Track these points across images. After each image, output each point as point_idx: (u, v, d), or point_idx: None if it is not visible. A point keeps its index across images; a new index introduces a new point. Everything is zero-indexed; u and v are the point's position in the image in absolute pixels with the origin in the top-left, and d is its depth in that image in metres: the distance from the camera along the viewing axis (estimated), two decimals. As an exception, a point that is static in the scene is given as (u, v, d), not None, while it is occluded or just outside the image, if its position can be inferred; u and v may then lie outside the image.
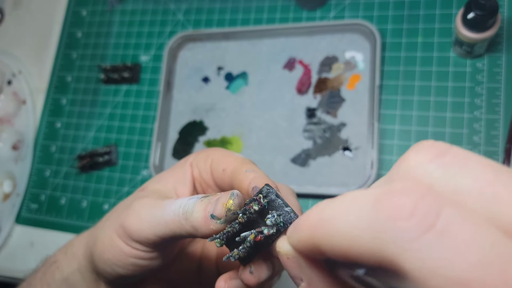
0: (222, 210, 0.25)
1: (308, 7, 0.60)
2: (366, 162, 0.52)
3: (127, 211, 0.30)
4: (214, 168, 0.33)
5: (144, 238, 0.28)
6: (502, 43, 0.52)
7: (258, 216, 0.25)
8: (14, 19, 0.76)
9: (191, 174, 0.34)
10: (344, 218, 0.15)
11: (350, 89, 0.56)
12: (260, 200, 0.25)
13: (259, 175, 0.28)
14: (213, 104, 0.61)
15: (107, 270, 0.31)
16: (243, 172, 0.29)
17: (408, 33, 0.56)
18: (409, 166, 0.15)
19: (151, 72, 0.65)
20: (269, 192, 0.25)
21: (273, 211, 0.24)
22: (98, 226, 0.34)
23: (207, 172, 0.34)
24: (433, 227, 0.12)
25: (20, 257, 0.64)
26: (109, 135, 0.65)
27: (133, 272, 0.30)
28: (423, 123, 0.52)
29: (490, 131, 0.50)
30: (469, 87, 0.52)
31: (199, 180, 0.34)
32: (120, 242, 0.29)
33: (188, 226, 0.26)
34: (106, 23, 0.70)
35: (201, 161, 0.34)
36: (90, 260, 0.32)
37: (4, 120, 0.69)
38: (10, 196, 0.65)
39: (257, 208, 0.25)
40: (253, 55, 0.61)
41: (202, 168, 0.34)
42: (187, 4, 0.67)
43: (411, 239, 0.13)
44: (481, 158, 0.15)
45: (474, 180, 0.14)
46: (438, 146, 0.15)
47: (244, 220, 0.25)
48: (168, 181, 0.34)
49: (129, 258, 0.29)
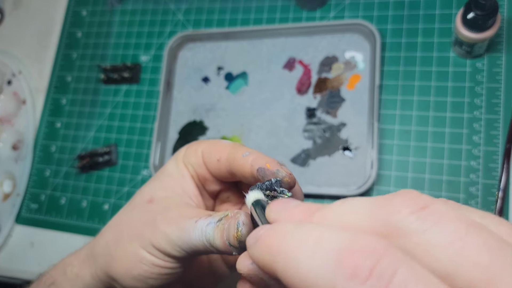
0: (235, 241, 0.26)
1: (308, 7, 0.60)
2: (366, 162, 0.52)
3: (154, 231, 0.30)
4: (208, 161, 0.33)
5: (178, 256, 0.30)
6: (502, 43, 0.52)
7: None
8: (14, 19, 0.76)
9: (188, 173, 0.34)
10: (307, 262, 0.16)
11: (350, 89, 0.56)
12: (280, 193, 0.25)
13: (258, 156, 0.29)
14: (213, 104, 0.61)
15: (137, 285, 0.31)
16: (240, 157, 0.30)
17: (408, 33, 0.56)
18: (390, 212, 0.17)
19: (151, 72, 0.65)
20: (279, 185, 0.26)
21: None
22: (99, 243, 0.34)
23: (200, 166, 0.34)
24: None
25: (20, 257, 0.64)
26: (109, 135, 0.65)
27: (166, 280, 0.31)
28: (423, 123, 0.52)
29: (490, 131, 0.50)
30: (469, 87, 0.52)
31: (195, 176, 0.34)
32: (152, 258, 0.30)
33: (215, 250, 0.28)
34: (106, 23, 0.70)
35: (192, 157, 0.34)
36: (104, 279, 0.33)
37: (4, 120, 0.69)
38: (10, 196, 0.66)
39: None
40: (253, 55, 0.61)
41: (195, 164, 0.34)
42: (187, 4, 0.67)
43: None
44: (458, 215, 0.16)
45: (446, 235, 0.15)
46: (421, 200, 0.16)
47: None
48: (174, 187, 0.34)
49: (164, 270, 0.31)
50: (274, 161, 0.28)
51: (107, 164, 0.63)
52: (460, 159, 0.50)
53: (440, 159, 0.51)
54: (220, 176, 0.33)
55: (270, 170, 0.28)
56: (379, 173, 0.52)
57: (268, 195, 0.25)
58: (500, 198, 0.47)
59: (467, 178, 0.49)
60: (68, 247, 0.43)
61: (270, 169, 0.28)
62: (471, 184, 0.49)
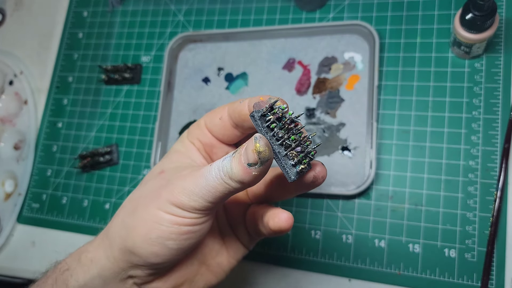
0: (254, 155, 0.27)
1: (307, 8, 0.61)
2: (365, 161, 0.52)
3: (170, 188, 0.30)
4: (211, 125, 0.35)
5: (198, 207, 0.30)
6: (501, 43, 0.52)
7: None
8: (16, 19, 0.76)
9: (194, 147, 0.36)
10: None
11: (349, 90, 0.56)
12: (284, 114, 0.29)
13: (252, 98, 0.32)
14: (213, 104, 0.62)
15: (157, 250, 0.31)
16: (238, 104, 0.32)
17: (406, 33, 0.56)
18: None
19: (152, 73, 0.66)
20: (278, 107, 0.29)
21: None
22: (114, 223, 0.34)
23: (205, 135, 0.35)
24: None
25: (22, 256, 0.64)
26: (110, 135, 0.65)
27: (185, 242, 0.31)
28: (422, 123, 0.53)
29: (488, 131, 0.50)
30: (468, 87, 0.52)
31: (201, 148, 0.36)
32: (170, 216, 0.30)
33: (234, 184, 0.28)
34: (107, 24, 0.71)
35: (195, 130, 0.36)
36: (121, 258, 0.32)
37: (6, 120, 0.70)
38: (12, 196, 0.66)
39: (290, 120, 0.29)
40: (253, 55, 0.62)
41: (199, 134, 0.35)
42: (188, 5, 0.67)
43: None
44: None
45: None
46: None
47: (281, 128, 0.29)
48: (182, 160, 0.35)
49: (182, 228, 0.30)
50: (266, 96, 0.31)
51: (108, 163, 0.63)
52: (459, 158, 0.50)
53: (438, 158, 0.51)
54: (226, 135, 0.34)
55: (263, 100, 0.30)
56: (378, 173, 0.53)
57: (270, 119, 0.29)
58: (498, 197, 0.48)
59: (465, 177, 0.50)
60: (69, 247, 0.43)
61: (263, 99, 0.30)
62: (469, 183, 0.49)
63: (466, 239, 0.48)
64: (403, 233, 0.50)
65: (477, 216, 0.48)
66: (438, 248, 0.49)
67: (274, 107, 0.29)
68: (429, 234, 0.49)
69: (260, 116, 0.29)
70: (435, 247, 0.49)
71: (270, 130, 0.29)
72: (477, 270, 0.47)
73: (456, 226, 0.49)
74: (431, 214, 0.50)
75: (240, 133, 0.35)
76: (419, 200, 0.51)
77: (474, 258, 0.47)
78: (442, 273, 0.48)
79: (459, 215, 0.49)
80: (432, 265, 0.48)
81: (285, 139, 0.29)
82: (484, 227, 0.48)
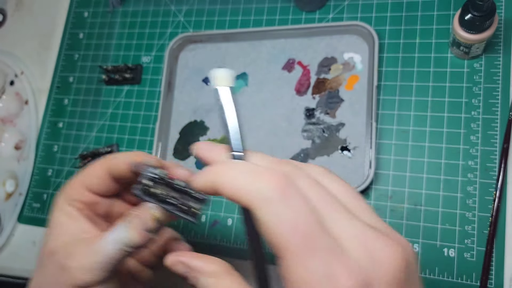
0: (154, 223, 0.31)
1: (307, 8, 0.61)
2: (364, 161, 0.53)
3: (68, 274, 0.31)
4: (89, 183, 0.36)
5: (101, 279, 0.31)
6: (500, 44, 0.52)
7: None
8: (16, 20, 0.76)
9: (75, 210, 0.35)
10: (239, 176, 0.24)
11: (349, 90, 0.56)
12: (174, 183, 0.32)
13: (128, 154, 0.34)
14: (214, 105, 0.62)
15: None
16: (115, 161, 0.34)
17: (406, 34, 0.56)
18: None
19: (152, 73, 0.66)
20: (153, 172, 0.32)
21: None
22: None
23: (85, 195, 0.36)
24: None
25: (22, 256, 0.64)
26: (111, 135, 0.65)
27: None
28: (421, 123, 0.53)
29: (487, 131, 0.50)
30: (467, 87, 0.52)
31: (82, 207, 0.36)
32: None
33: (132, 249, 0.31)
34: (107, 24, 0.71)
35: (72, 192, 0.36)
36: None
37: (6, 120, 0.70)
38: (13, 196, 0.66)
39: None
40: (253, 56, 0.62)
41: (78, 195, 0.36)
42: (188, 5, 0.67)
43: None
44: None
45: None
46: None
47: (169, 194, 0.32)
48: (67, 232, 0.35)
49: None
50: (141, 153, 0.34)
51: (109, 164, 0.64)
52: (458, 158, 0.51)
53: (438, 158, 0.51)
54: (107, 190, 0.36)
55: (140, 162, 0.32)
56: (377, 173, 0.53)
57: (152, 179, 0.31)
58: (497, 197, 0.48)
59: (464, 177, 0.50)
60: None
61: (139, 159, 0.33)
62: (468, 183, 0.50)
63: (465, 238, 0.48)
64: (403, 233, 0.50)
65: (476, 216, 0.48)
66: (437, 247, 0.49)
67: (151, 173, 0.31)
68: (428, 233, 0.50)
69: (143, 193, 0.31)
70: (434, 246, 0.49)
71: (155, 196, 0.31)
72: (476, 269, 0.47)
73: (455, 225, 0.49)
74: (430, 214, 0.50)
75: (120, 185, 0.36)
76: (419, 200, 0.51)
77: (473, 257, 0.48)
78: (441, 272, 0.48)
79: (458, 214, 0.49)
80: (431, 265, 0.49)
81: (172, 197, 0.32)
82: (483, 227, 0.48)
